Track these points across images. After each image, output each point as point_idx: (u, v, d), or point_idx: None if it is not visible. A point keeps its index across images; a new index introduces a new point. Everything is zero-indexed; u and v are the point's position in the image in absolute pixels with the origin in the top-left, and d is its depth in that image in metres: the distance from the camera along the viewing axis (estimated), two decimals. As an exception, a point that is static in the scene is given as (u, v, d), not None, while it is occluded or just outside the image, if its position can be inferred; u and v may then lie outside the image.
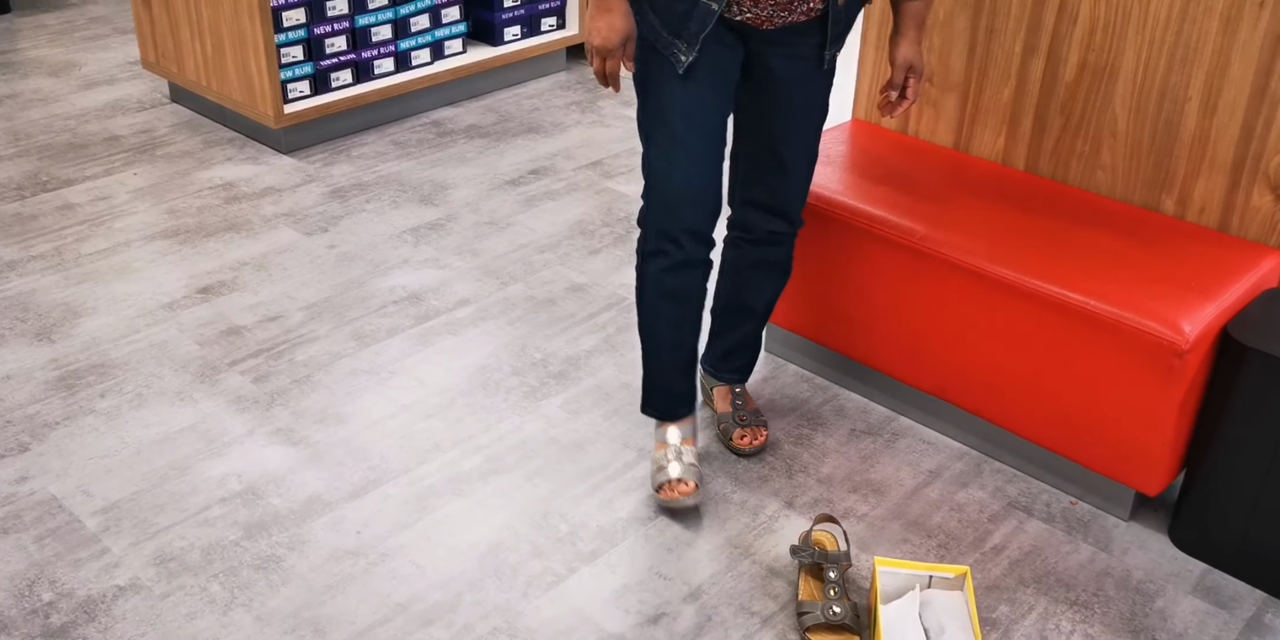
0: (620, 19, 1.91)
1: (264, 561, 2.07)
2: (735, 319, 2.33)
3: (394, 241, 3.14)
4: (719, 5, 1.88)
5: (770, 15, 1.92)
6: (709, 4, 1.87)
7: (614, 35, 1.91)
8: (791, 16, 1.93)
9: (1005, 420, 2.26)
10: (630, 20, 1.92)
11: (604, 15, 1.91)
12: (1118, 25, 2.20)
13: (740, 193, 2.19)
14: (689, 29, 1.90)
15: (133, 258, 3.04)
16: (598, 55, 1.94)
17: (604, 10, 1.91)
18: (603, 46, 1.92)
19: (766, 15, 1.92)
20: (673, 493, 2.16)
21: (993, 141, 2.47)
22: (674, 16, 1.90)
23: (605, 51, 1.93)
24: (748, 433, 2.34)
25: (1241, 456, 2.00)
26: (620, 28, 1.91)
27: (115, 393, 2.51)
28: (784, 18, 1.93)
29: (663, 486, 2.18)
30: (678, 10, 1.89)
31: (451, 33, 3.91)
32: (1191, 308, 1.99)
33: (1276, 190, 2.12)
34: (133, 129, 3.78)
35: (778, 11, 1.91)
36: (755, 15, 1.92)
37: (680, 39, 1.92)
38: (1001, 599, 2.03)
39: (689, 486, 2.16)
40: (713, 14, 1.88)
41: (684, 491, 2.16)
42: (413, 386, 2.55)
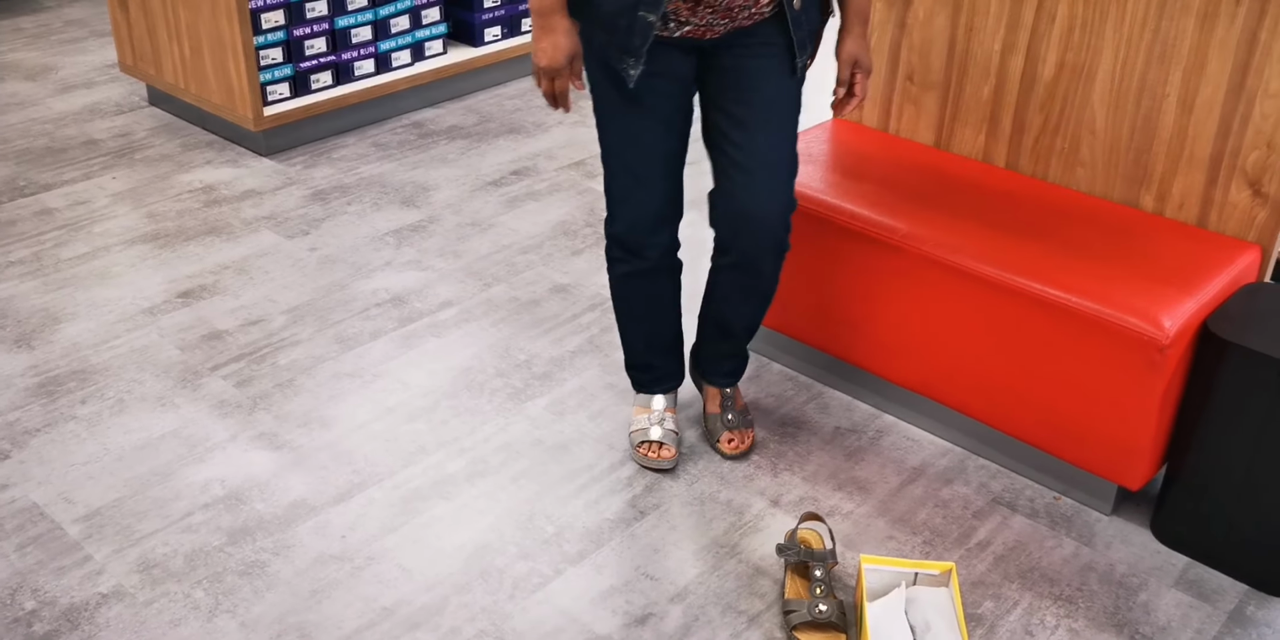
0: (564, 38, 1.93)
1: (248, 567, 2.06)
2: (718, 334, 2.31)
3: (376, 244, 3.13)
4: (655, 17, 1.87)
5: (710, 23, 1.91)
6: (645, 17, 1.87)
7: (559, 54, 1.93)
8: (734, 22, 1.92)
9: (989, 417, 2.27)
10: (574, 38, 1.94)
11: (547, 35, 1.93)
12: (1095, 23, 2.21)
13: (717, 211, 2.12)
14: (633, 43, 1.91)
15: (112, 262, 3.02)
16: (545, 76, 1.96)
17: (547, 31, 1.93)
18: (549, 67, 1.94)
19: (706, 24, 1.91)
20: (652, 453, 2.27)
21: (973, 139, 2.48)
22: (618, 31, 1.91)
23: (553, 71, 1.95)
24: (735, 436, 2.33)
25: (1222, 450, 2.02)
26: (565, 46, 1.93)
27: (96, 399, 2.50)
28: (725, 25, 1.92)
29: (641, 445, 2.28)
30: (620, 25, 1.90)
31: (432, 34, 3.90)
32: (1171, 303, 2.00)
33: (1254, 185, 2.14)
34: (111, 133, 3.76)
35: (717, 19, 1.90)
36: (695, 26, 1.92)
37: (627, 53, 1.92)
38: (987, 595, 2.04)
39: (670, 452, 2.27)
40: (650, 26, 1.88)
41: (664, 456, 2.26)
42: (397, 389, 2.55)
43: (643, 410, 2.34)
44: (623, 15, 1.89)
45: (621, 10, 1.88)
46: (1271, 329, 1.98)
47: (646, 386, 2.35)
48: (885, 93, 2.58)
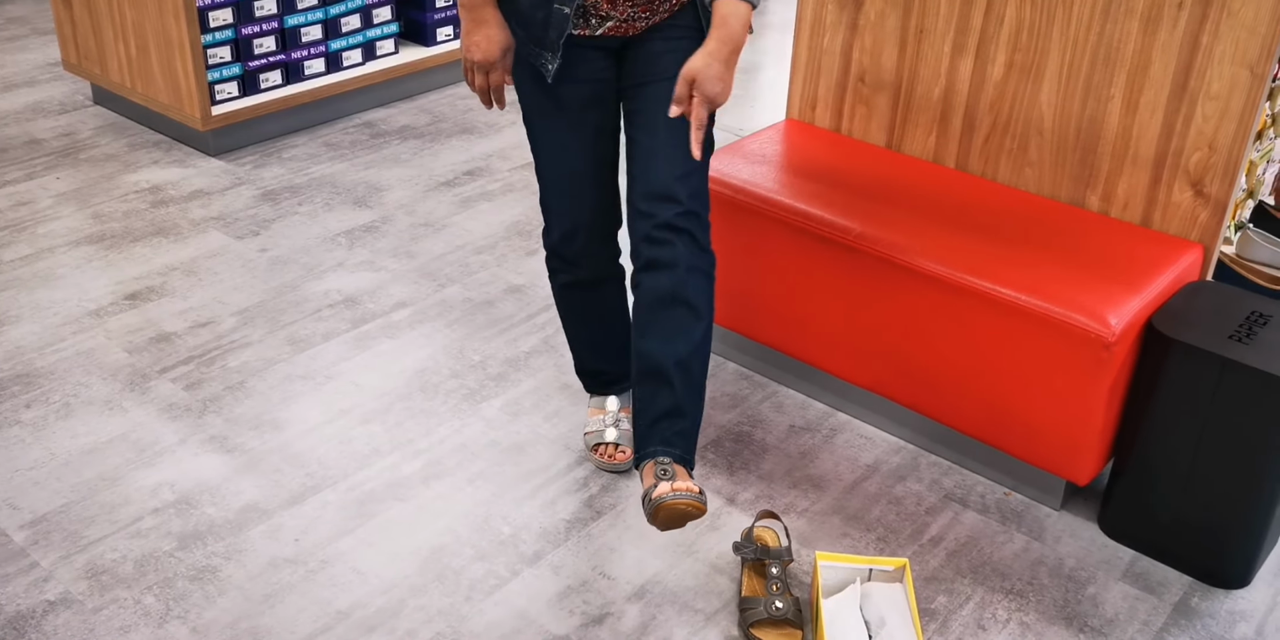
0: (497, 30, 1.90)
1: (199, 572, 2.04)
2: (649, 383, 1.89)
3: (328, 244, 3.10)
4: (570, 9, 1.85)
5: (632, 18, 1.90)
6: (561, 9, 1.86)
7: (494, 47, 1.91)
8: (654, 16, 1.91)
9: (940, 414, 2.29)
10: (506, 30, 1.92)
11: (480, 28, 1.90)
12: (1043, 26, 2.25)
13: (629, 207, 1.94)
14: (549, 36, 1.89)
15: (57, 264, 2.97)
16: (479, 70, 1.93)
17: (478, 23, 1.90)
18: (484, 60, 1.91)
19: (627, 18, 1.90)
20: (608, 457, 2.27)
21: (924, 140, 2.51)
22: (535, 25, 1.89)
23: (487, 65, 1.92)
24: None
25: (1167, 445, 2.06)
26: (498, 39, 1.90)
27: (41, 403, 2.46)
28: (646, 19, 1.91)
29: (598, 447, 2.28)
30: (537, 18, 1.89)
31: (383, 33, 3.88)
32: (1117, 301, 2.04)
33: (1196, 186, 2.18)
34: (54, 132, 3.69)
35: (638, 13, 1.89)
36: (616, 22, 1.90)
37: (543, 47, 1.91)
38: (940, 590, 2.06)
39: (626, 453, 2.26)
40: (566, 18, 1.86)
41: (619, 458, 2.26)
42: (350, 391, 2.53)
43: (597, 412, 2.34)
44: (540, 8, 1.87)
45: (538, 3, 1.87)
46: (1214, 326, 2.02)
47: (599, 389, 2.35)
48: (837, 94, 2.60)
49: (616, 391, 2.34)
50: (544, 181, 2.08)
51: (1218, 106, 2.10)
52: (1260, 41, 2.01)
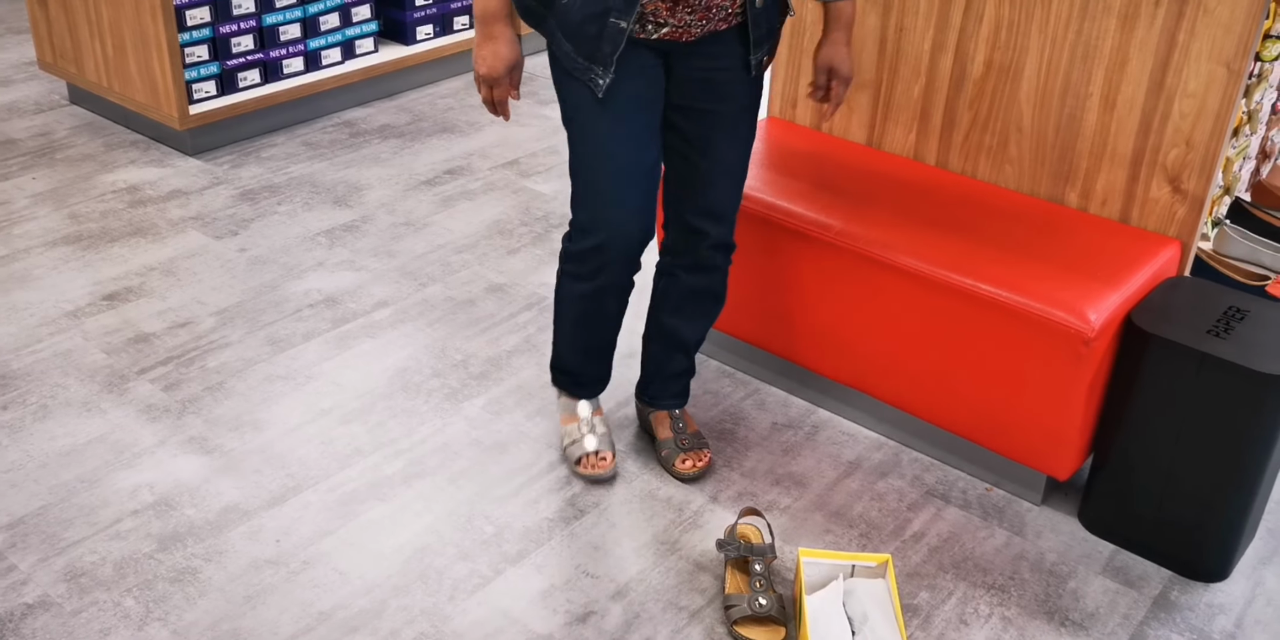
0: (505, 47, 1.89)
1: (180, 574, 2.03)
2: (668, 349, 2.28)
3: (308, 244, 3.09)
4: (628, 23, 1.83)
5: (689, 25, 1.88)
6: (617, 23, 1.83)
7: (499, 63, 1.90)
8: (711, 24, 1.89)
9: (921, 410, 2.30)
10: (515, 48, 1.90)
11: (488, 43, 1.89)
12: (1022, 23, 2.26)
13: (673, 213, 2.13)
14: (602, 51, 1.86)
15: (33, 265, 2.94)
16: (484, 84, 1.92)
17: (488, 38, 1.89)
18: (488, 75, 1.91)
19: (685, 25, 1.88)
20: (592, 467, 2.23)
21: (904, 137, 2.52)
22: (585, 40, 1.86)
23: (491, 80, 1.91)
24: (690, 457, 2.28)
25: (1146, 440, 2.07)
26: (505, 56, 1.89)
27: (18, 405, 2.43)
28: (703, 26, 1.89)
29: (581, 459, 2.24)
30: (589, 33, 1.85)
31: (362, 31, 3.86)
32: (1096, 296, 2.05)
33: (1174, 182, 2.19)
34: (30, 132, 3.66)
35: (696, 20, 1.87)
36: (674, 28, 1.88)
37: (595, 62, 1.88)
38: (922, 585, 2.07)
39: (608, 459, 2.24)
40: (622, 33, 1.84)
41: (603, 466, 2.24)
42: (331, 391, 2.52)
43: (570, 419, 2.29)
44: (592, 22, 1.84)
45: (591, 17, 1.83)
46: (1192, 321, 2.03)
47: (573, 391, 2.30)
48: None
49: (588, 395, 2.30)
50: (587, 184, 2.00)
51: (1195, 103, 2.11)
52: (1236, 39, 2.03)
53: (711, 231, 2.12)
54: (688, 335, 2.25)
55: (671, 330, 2.24)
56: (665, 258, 2.21)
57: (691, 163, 2.05)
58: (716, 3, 1.86)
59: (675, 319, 2.23)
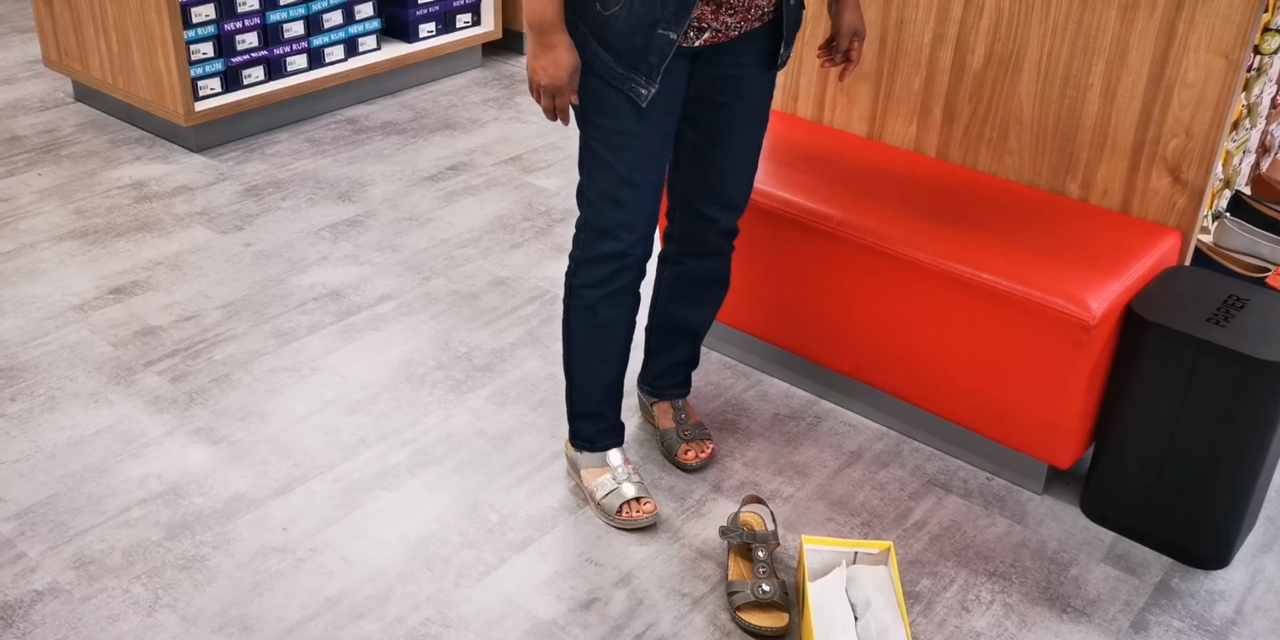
0: (565, 54, 1.82)
1: (188, 561, 2.04)
2: (673, 338, 2.28)
3: (312, 239, 3.11)
4: (677, 34, 1.81)
5: (730, 27, 1.88)
6: (665, 34, 1.80)
7: (561, 72, 1.83)
8: (748, 24, 1.90)
9: (922, 400, 2.31)
10: (574, 53, 1.84)
11: (548, 52, 1.82)
12: (1022, 15, 2.27)
13: (680, 201, 2.13)
14: (648, 61, 1.83)
15: (40, 259, 2.96)
16: (546, 94, 1.86)
17: (547, 47, 1.82)
18: (551, 85, 1.84)
19: (725, 28, 1.87)
20: (636, 513, 2.12)
21: (905, 129, 2.53)
22: (631, 50, 1.82)
23: (555, 89, 1.85)
24: (693, 447, 2.29)
25: (1146, 428, 2.09)
26: (566, 63, 1.83)
27: (26, 396, 2.45)
28: (741, 28, 1.89)
29: (622, 508, 2.12)
30: (635, 44, 1.82)
31: (365, 29, 3.88)
32: (1097, 285, 2.06)
33: (1174, 172, 2.21)
34: (35, 129, 3.68)
35: (737, 22, 1.88)
36: (714, 32, 1.87)
37: (638, 72, 1.84)
38: (924, 573, 2.08)
39: (651, 505, 2.13)
40: (671, 44, 1.81)
41: (648, 511, 2.12)
42: (336, 382, 2.53)
43: (599, 471, 2.17)
44: (639, 33, 1.80)
45: (638, 28, 1.80)
46: (1192, 310, 2.05)
47: (596, 442, 2.19)
48: (819, 85, 2.62)
49: (615, 444, 2.20)
50: (595, 195, 1.97)
51: (1194, 94, 2.13)
52: (1235, 29, 2.04)
53: (722, 220, 2.13)
54: (694, 323, 2.25)
55: (678, 318, 2.25)
56: (670, 246, 2.21)
57: (705, 154, 2.05)
58: (756, 3, 1.87)
59: (682, 306, 2.23)
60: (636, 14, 1.79)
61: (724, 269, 2.21)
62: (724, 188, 2.09)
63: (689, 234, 2.16)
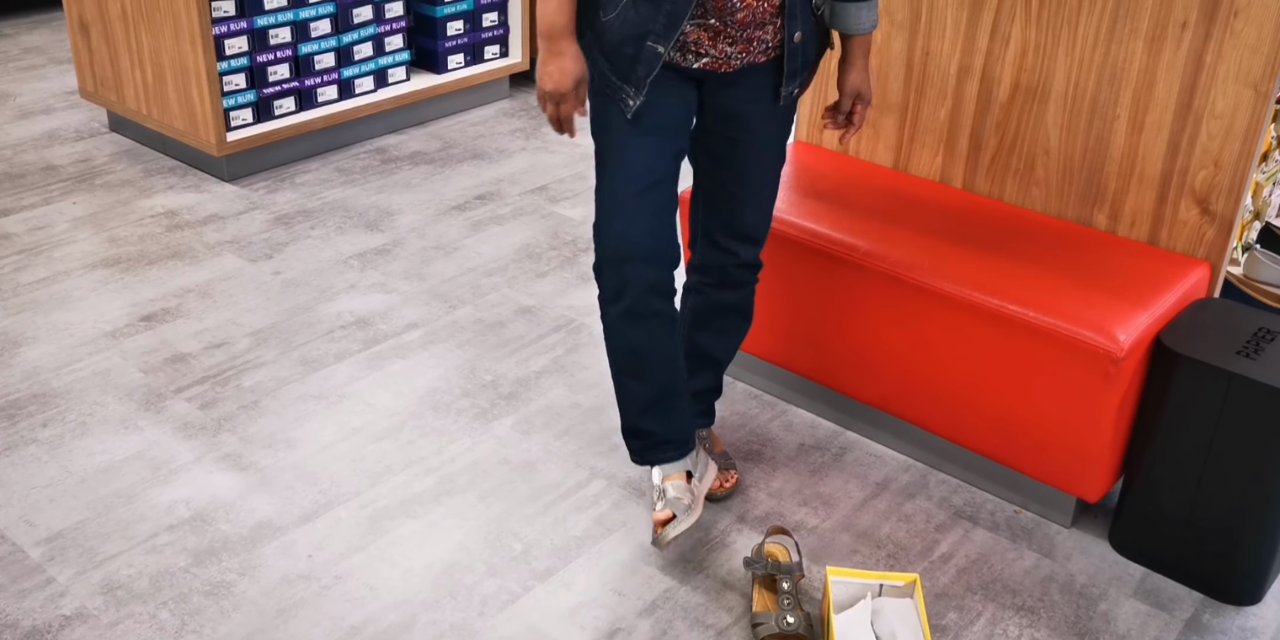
0: (571, 62, 1.86)
1: (214, 587, 2.05)
2: (697, 366, 2.25)
3: (340, 267, 3.13)
4: (665, 48, 1.84)
5: (730, 56, 1.88)
6: (654, 47, 1.83)
7: (566, 79, 1.86)
8: (750, 57, 1.90)
9: (949, 432, 2.30)
10: (581, 62, 1.87)
11: (555, 59, 1.86)
12: (1048, 47, 2.28)
13: (701, 232, 2.14)
14: (636, 73, 1.86)
15: (73, 287, 3.00)
16: (550, 100, 1.89)
17: (554, 54, 1.86)
18: (555, 91, 1.87)
19: (725, 57, 1.88)
20: (657, 530, 2.06)
21: (931, 160, 2.54)
22: (622, 60, 1.86)
23: (558, 96, 1.88)
24: (717, 477, 2.29)
25: (1175, 461, 2.07)
26: (571, 71, 1.86)
27: (58, 422, 2.48)
28: (743, 59, 1.89)
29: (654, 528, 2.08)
30: (626, 54, 1.85)
31: (395, 61, 3.93)
32: (1126, 317, 2.05)
33: (1202, 204, 2.20)
34: (71, 158, 3.74)
35: (737, 52, 1.88)
36: (714, 58, 1.89)
37: (628, 83, 1.87)
38: (950, 606, 2.06)
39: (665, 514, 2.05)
40: (658, 57, 1.84)
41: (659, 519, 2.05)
42: (362, 410, 2.54)
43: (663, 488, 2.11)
44: (630, 43, 1.84)
45: (628, 39, 1.84)
46: (1222, 342, 2.03)
47: (641, 455, 2.13)
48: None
49: (664, 459, 2.12)
50: (604, 207, 1.97)
51: (1222, 125, 2.12)
52: (1263, 60, 2.04)
53: (741, 253, 2.14)
54: (716, 352, 2.25)
55: (700, 347, 2.25)
56: (693, 276, 2.22)
57: (721, 185, 2.07)
58: (758, 35, 1.87)
59: (704, 335, 2.23)
60: (630, 24, 1.83)
61: (746, 300, 2.21)
62: (740, 220, 2.10)
63: (710, 265, 2.17)
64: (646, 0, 1.82)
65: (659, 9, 1.81)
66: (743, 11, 1.84)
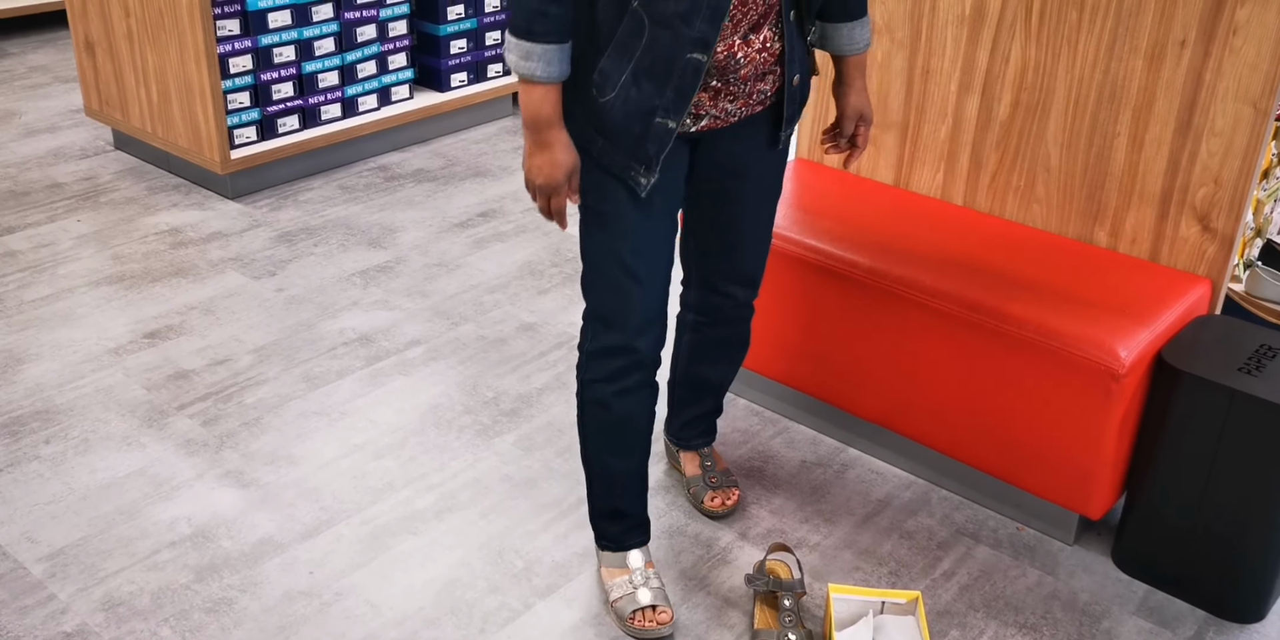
0: (562, 153, 1.72)
1: (215, 604, 2.05)
2: (695, 394, 2.26)
3: (343, 284, 3.14)
4: (675, 123, 1.72)
5: (730, 113, 1.80)
6: (664, 123, 1.71)
7: (557, 172, 1.72)
8: (749, 109, 1.82)
9: (951, 449, 2.30)
10: (573, 151, 1.74)
11: (543, 151, 1.71)
12: (1048, 65, 2.29)
13: (696, 275, 2.08)
14: (646, 150, 1.74)
15: (77, 304, 3.01)
16: (541, 194, 1.75)
17: (542, 146, 1.71)
18: (546, 186, 1.74)
19: (725, 114, 1.79)
20: (649, 622, 1.98)
21: (931, 178, 2.54)
22: (629, 139, 1.73)
23: (550, 190, 1.74)
24: (719, 494, 2.28)
25: (1178, 478, 2.06)
26: (563, 163, 1.72)
27: (60, 439, 2.48)
28: (743, 113, 1.81)
29: (635, 615, 1.99)
30: (633, 132, 1.72)
31: (398, 79, 3.95)
32: (1127, 334, 2.06)
33: (1203, 221, 2.21)
34: (75, 176, 3.76)
35: (737, 108, 1.80)
36: (713, 118, 1.79)
37: (637, 160, 1.75)
38: (953, 623, 2.06)
39: (667, 615, 1.99)
40: (670, 133, 1.73)
41: (662, 621, 1.98)
42: (364, 427, 2.55)
43: (618, 572, 2.05)
44: (637, 121, 1.71)
45: (635, 115, 1.71)
46: (1223, 359, 2.03)
47: (619, 541, 2.07)
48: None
49: (638, 543, 2.07)
50: (600, 288, 1.87)
51: (1222, 142, 2.13)
52: (1262, 78, 2.05)
53: (740, 295, 2.09)
54: (715, 380, 2.23)
55: (700, 377, 2.23)
56: (688, 314, 2.16)
57: (717, 234, 2.00)
58: (759, 88, 1.79)
59: (703, 366, 2.21)
60: (633, 101, 1.70)
61: (745, 331, 2.17)
62: (739, 265, 2.04)
63: (706, 306, 2.11)
64: (648, 77, 1.69)
65: (665, 85, 1.69)
66: (746, 67, 1.75)
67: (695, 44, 1.67)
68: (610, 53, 1.70)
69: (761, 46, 1.75)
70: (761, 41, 1.75)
